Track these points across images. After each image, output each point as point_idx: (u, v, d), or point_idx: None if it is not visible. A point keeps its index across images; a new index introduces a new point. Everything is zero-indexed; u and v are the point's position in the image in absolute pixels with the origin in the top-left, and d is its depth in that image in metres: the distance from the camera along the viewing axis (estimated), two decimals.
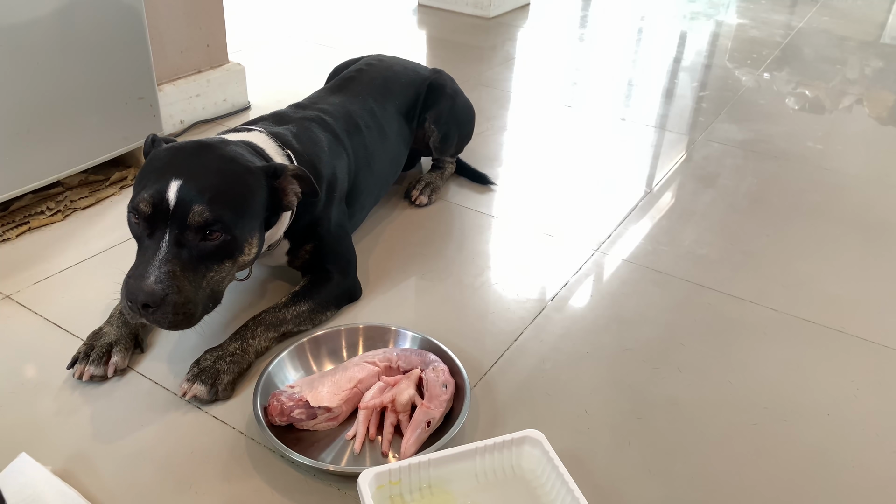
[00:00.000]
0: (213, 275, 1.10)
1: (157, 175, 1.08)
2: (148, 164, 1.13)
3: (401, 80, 1.69)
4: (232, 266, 1.13)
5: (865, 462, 1.09)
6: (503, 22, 3.32)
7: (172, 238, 1.05)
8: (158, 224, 1.06)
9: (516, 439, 1.00)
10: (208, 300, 1.10)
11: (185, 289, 1.05)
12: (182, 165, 1.09)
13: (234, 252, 1.11)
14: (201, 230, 1.06)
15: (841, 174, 2.02)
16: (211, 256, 1.08)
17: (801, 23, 3.55)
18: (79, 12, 1.49)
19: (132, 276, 1.04)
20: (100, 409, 1.10)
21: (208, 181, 1.08)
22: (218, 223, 1.06)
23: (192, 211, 1.05)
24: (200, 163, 1.11)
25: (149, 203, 1.06)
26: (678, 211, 1.78)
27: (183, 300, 1.04)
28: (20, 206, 1.57)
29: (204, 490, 0.99)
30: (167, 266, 1.04)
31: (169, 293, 1.02)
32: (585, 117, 2.33)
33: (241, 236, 1.11)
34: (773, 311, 1.42)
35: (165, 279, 1.03)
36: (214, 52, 2.07)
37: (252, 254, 1.16)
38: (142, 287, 1.02)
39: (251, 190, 1.13)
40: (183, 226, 1.06)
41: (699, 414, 1.17)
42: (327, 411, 1.06)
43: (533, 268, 1.53)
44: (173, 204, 1.05)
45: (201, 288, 1.08)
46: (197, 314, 1.08)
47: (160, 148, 1.16)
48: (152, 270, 1.03)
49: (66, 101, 1.53)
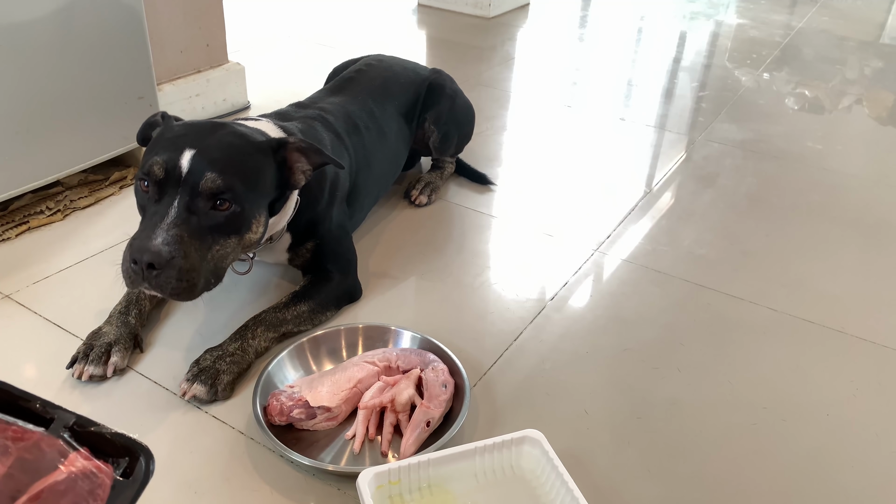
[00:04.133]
0: (219, 249, 1.10)
1: (170, 144, 1.10)
2: (160, 136, 1.15)
3: (400, 80, 1.68)
4: (237, 243, 1.13)
5: (865, 462, 1.09)
6: (503, 22, 3.32)
7: (182, 204, 1.06)
8: (168, 190, 1.07)
9: (516, 439, 1.00)
10: (211, 275, 1.10)
11: (191, 255, 1.04)
12: (195, 138, 1.11)
13: (241, 227, 1.12)
14: (212, 198, 1.07)
15: (840, 174, 2.02)
16: (219, 228, 1.09)
17: (800, 23, 3.55)
18: (78, 12, 1.49)
19: (137, 237, 1.03)
20: (99, 409, 1.10)
21: (221, 153, 1.10)
22: (229, 192, 1.07)
23: (205, 177, 1.06)
24: (214, 137, 1.12)
25: (162, 167, 1.06)
26: (678, 211, 1.78)
27: (188, 266, 1.03)
28: (20, 206, 1.57)
29: (204, 490, 0.99)
30: (175, 230, 1.03)
31: (175, 256, 1.02)
32: (585, 117, 2.33)
33: (249, 211, 1.12)
34: (773, 311, 1.42)
35: (173, 242, 1.02)
36: (214, 52, 2.07)
37: (258, 233, 1.16)
38: (148, 246, 1.01)
39: (261, 166, 1.14)
40: (194, 193, 1.06)
41: (699, 414, 1.17)
42: (327, 411, 1.06)
43: (533, 268, 1.53)
44: (186, 171, 1.06)
45: (206, 260, 1.07)
46: (199, 286, 1.07)
47: (172, 123, 1.17)
48: (160, 232, 1.03)
49: (65, 101, 1.53)
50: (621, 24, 3.43)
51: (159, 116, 1.20)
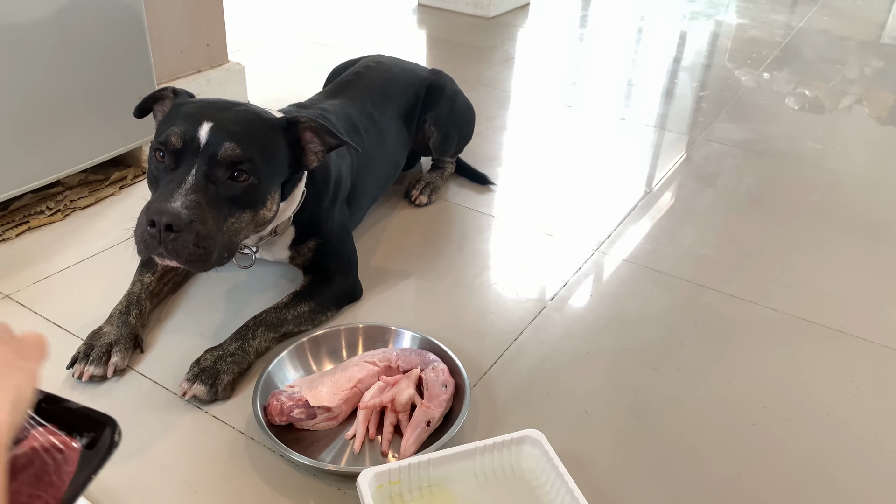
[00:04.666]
0: (234, 221, 1.10)
1: (188, 116, 1.10)
2: (174, 110, 1.16)
3: (399, 82, 1.68)
4: (252, 218, 1.13)
5: (865, 462, 1.09)
6: (503, 22, 3.32)
7: (201, 172, 1.06)
8: (186, 159, 1.07)
9: (516, 439, 1.00)
10: (224, 248, 1.09)
11: (208, 222, 1.04)
12: (213, 111, 1.12)
13: (256, 201, 1.12)
14: (231, 167, 1.07)
15: (840, 174, 2.02)
16: (235, 200, 1.09)
17: (800, 23, 3.55)
18: (79, 12, 1.49)
19: (155, 201, 1.03)
20: (99, 410, 1.10)
21: (239, 126, 1.11)
22: (248, 163, 1.08)
23: (224, 147, 1.07)
24: (230, 112, 1.13)
25: (180, 137, 1.07)
26: (678, 211, 1.78)
27: (206, 233, 1.03)
28: (20, 206, 1.57)
29: (204, 490, 0.99)
30: (193, 196, 1.03)
31: (195, 220, 1.02)
32: (585, 117, 2.33)
33: (266, 185, 1.12)
34: (773, 311, 1.42)
35: (192, 206, 1.02)
36: (214, 52, 2.07)
37: (272, 211, 1.17)
38: (167, 208, 1.00)
39: (275, 142, 1.15)
40: (213, 161, 1.07)
41: (699, 414, 1.17)
42: (327, 411, 1.06)
43: (533, 268, 1.53)
44: (204, 141, 1.07)
45: (221, 231, 1.07)
46: (214, 256, 1.07)
47: (187, 98, 1.18)
48: (178, 196, 1.03)
49: (66, 101, 1.53)
50: (621, 24, 3.43)
51: (170, 91, 1.20)
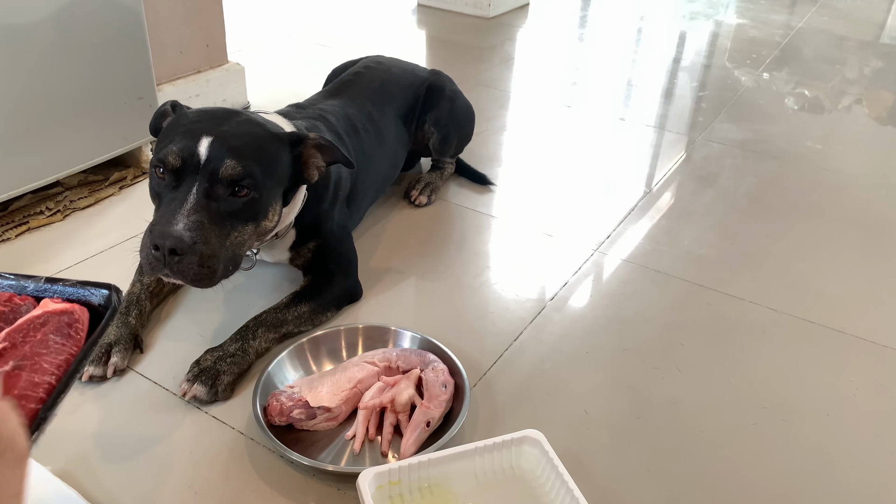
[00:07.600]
0: (237, 235, 1.10)
1: (185, 132, 1.09)
2: (173, 123, 1.14)
3: (399, 83, 1.68)
4: (254, 230, 1.13)
5: (865, 462, 1.09)
6: (503, 22, 3.33)
7: (201, 190, 1.05)
8: (186, 177, 1.06)
9: (516, 439, 1.00)
10: (229, 262, 1.09)
11: (211, 241, 1.04)
12: (211, 124, 1.10)
13: (258, 214, 1.12)
14: (232, 184, 1.07)
15: (840, 174, 2.02)
16: (237, 214, 1.09)
17: (800, 23, 3.55)
18: (78, 13, 1.49)
19: (158, 223, 1.03)
20: (99, 410, 1.10)
21: (239, 140, 1.10)
22: (248, 178, 1.07)
23: (225, 164, 1.06)
24: (230, 124, 1.12)
25: (178, 156, 1.06)
26: (677, 211, 1.78)
27: (209, 252, 1.03)
28: (19, 206, 1.57)
29: (204, 490, 0.99)
30: (196, 216, 1.03)
31: (198, 241, 1.02)
32: (585, 117, 2.33)
33: (267, 198, 1.12)
34: (773, 311, 1.42)
35: (194, 227, 1.02)
36: (214, 52, 2.07)
37: (274, 221, 1.16)
38: (170, 232, 1.01)
39: (277, 155, 1.14)
40: (213, 179, 1.06)
41: (699, 414, 1.17)
42: (327, 411, 1.06)
43: (532, 268, 1.53)
44: (204, 158, 1.06)
45: (225, 246, 1.07)
46: (219, 272, 1.07)
47: (184, 111, 1.17)
48: (180, 218, 1.02)
49: (65, 101, 1.53)
50: (621, 24, 3.43)
51: (169, 106, 1.20)
